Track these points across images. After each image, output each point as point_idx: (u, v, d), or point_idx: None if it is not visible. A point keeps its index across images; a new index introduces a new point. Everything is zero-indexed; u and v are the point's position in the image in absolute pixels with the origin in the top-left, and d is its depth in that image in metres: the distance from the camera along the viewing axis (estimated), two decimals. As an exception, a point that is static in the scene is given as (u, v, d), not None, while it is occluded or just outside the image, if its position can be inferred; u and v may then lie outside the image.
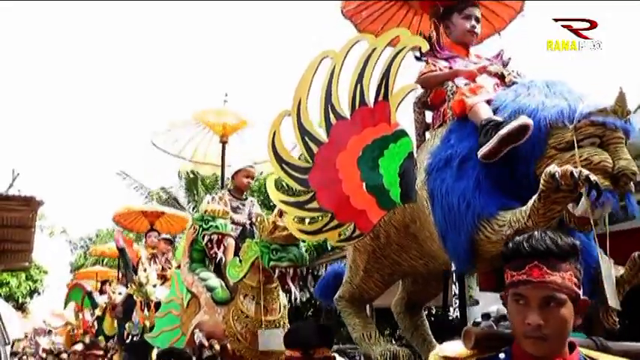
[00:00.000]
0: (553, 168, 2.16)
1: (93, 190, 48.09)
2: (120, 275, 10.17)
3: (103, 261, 18.57)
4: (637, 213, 2.47)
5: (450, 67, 3.15)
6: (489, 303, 7.07)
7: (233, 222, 4.97)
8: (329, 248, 10.43)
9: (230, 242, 4.84)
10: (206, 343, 4.50)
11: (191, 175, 17.90)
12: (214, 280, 4.73)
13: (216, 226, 4.68)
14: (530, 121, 2.46)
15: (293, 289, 4.14)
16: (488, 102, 2.74)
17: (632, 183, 2.37)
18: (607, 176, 2.30)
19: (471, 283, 10.26)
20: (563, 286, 1.50)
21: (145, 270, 7.72)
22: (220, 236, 4.70)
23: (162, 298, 7.56)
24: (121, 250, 8.99)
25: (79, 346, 8.24)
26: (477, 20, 3.35)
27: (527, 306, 1.50)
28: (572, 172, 2.10)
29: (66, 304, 13.40)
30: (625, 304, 2.44)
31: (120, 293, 9.11)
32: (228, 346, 4.44)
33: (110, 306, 9.36)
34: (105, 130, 54.23)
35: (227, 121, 6.01)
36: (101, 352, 7.49)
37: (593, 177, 2.13)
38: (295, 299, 4.53)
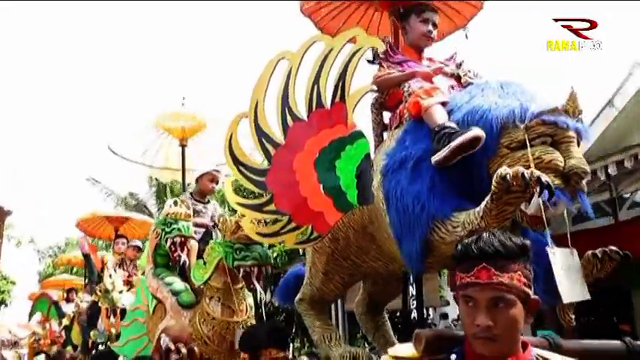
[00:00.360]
0: (504, 170, 2.17)
1: (61, 197, 47.09)
2: (86, 283, 10.04)
3: (72, 270, 18.32)
4: (590, 212, 2.49)
5: (403, 71, 3.16)
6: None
7: (196, 225, 4.96)
8: (301, 252, 10.41)
9: (193, 245, 4.82)
10: (172, 347, 4.47)
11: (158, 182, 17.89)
12: (179, 284, 4.71)
13: (179, 229, 4.67)
14: (481, 133, 2.49)
15: (258, 288, 4.15)
16: (444, 104, 2.76)
17: (584, 182, 2.40)
18: (558, 175, 2.34)
19: (442, 283, 10.36)
20: (511, 286, 1.51)
21: (110, 276, 7.64)
22: (183, 239, 4.68)
23: (128, 305, 7.53)
24: (86, 256, 8.88)
25: (41, 358, 8.09)
26: (434, 25, 3.38)
27: (476, 307, 1.52)
28: (523, 174, 2.12)
29: (31, 315, 13.12)
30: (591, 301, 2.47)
31: (87, 302, 9.01)
32: (196, 349, 4.43)
33: (77, 315, 9.25)
34: (72, 136, 53.33)
35: (185, 124, 5.99)
36: None
37: (544, 177, 2.15)
38: (269, 302, 4.50)
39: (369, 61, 3.28)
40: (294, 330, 9.11)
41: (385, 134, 3.30)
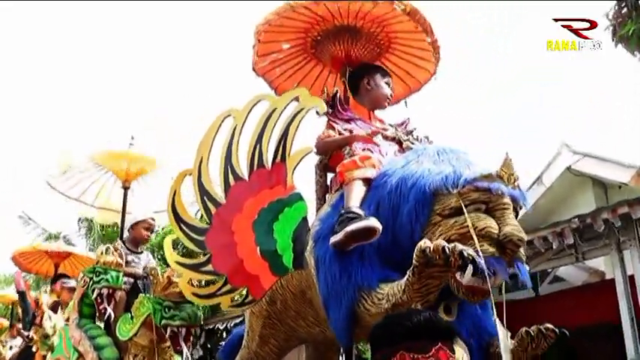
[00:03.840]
0: (424, 243, 2.24)
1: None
2: (11, 324, 9.77)
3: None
4: (528, 282, 2.49)
5: (351, 130, 3.31)
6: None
7: (126, 274, 4.89)
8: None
9: (121, 296, 4.78)
10: None
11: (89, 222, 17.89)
12: (103, 339, 4.68)
13: (107, 280, 4.63)
14: (377, 225, 2.57)
15: (185, 350, 4.15)
16: (367, 180, 2.86)
17: (521, 250, 2.44)
18: (492, 243, 2.37)
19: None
20: None
21: (50, 318, 7.49)
22: (111, 290, 4.64)
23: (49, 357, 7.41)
24: (21, 294, 8.50)
25: None
26: (392, 90, 3.63)
27: None
28: (444, 248, 2.16)
29: None
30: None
31: (11, 347, 8.80)
32: None
33: None
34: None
35: (130, 166, 5.97)
36: None
37: (466, 251, 2.18)
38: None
39: (317, 113, 3.34)
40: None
41: (327, 197, 3.45)
